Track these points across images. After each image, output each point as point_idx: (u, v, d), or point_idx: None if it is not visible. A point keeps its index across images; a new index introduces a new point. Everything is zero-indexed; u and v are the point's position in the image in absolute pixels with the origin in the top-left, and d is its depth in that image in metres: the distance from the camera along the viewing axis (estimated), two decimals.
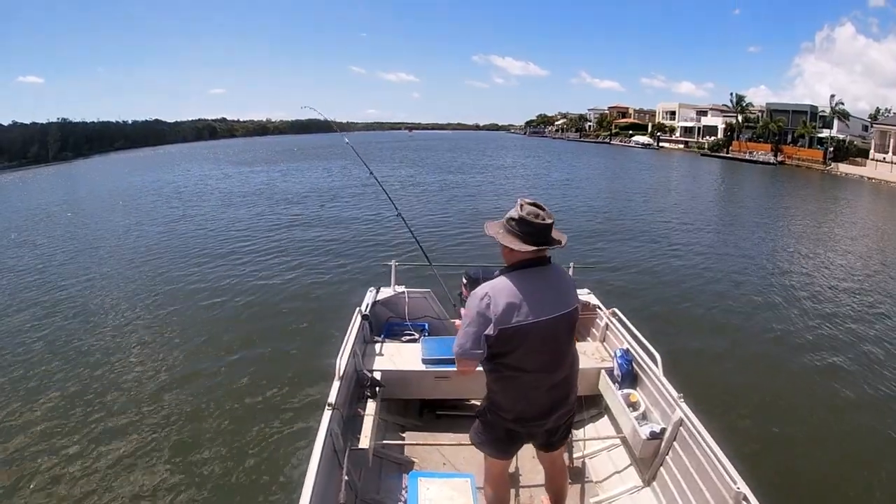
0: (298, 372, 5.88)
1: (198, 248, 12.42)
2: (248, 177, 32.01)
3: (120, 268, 10.83)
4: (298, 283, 9.28)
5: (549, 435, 2.43)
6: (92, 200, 23.61)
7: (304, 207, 18.68)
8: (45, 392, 5.65)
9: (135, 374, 6.04)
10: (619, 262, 10.87)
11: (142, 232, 14.83)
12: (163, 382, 5.82)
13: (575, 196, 21.49)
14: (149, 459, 4.47)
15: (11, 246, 13.61)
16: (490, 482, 2.61)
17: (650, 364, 3.57)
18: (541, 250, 2.13)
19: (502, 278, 2.13)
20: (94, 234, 15.09)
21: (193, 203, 20.60)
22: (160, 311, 8.12)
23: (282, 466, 4.33)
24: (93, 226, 16.53)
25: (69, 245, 13.43)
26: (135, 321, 7.66)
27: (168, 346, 6.82)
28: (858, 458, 4.57)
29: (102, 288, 9.42)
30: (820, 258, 11.96)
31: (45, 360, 6.49)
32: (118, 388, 5.71)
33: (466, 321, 2.13)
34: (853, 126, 45.05)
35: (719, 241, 13.60)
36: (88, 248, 12.91)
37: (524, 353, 2.14)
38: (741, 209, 20.18)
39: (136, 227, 15.72)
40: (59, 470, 4.33)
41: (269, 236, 13.67)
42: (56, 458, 4.48)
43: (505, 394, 2.28)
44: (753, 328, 7.50)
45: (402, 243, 11.96)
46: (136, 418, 5.13)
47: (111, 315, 8.00)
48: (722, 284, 9.60)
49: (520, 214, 2.08)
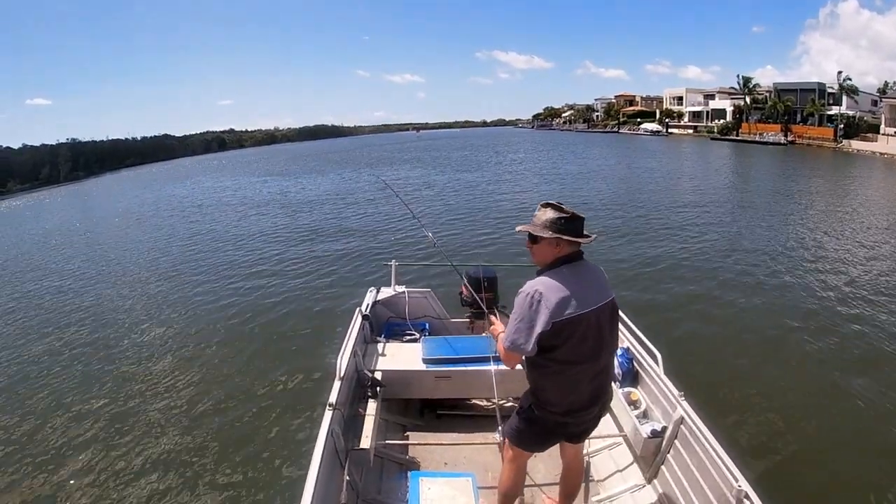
0: (299, 372, 5.91)
1: (200, 256, 12.84)
2: (254, 186, 32.58)
3: (129, 278, 11.32)
4: (298, 283, 9.34)
5: (584, 423, 2.49)
6: (107, 218, 24.32)
7: (309, 212, 19.09)
8: (38, 387, 6.09)
9: (134, 374, 6.17)
10: (626, 257, 10.59)
11: (151, 243, 15.60)
12: (162, 381, 5.89)
13: (588, 190, 21.28)
14: (149, 459, 4.52)
15: (30, 269, 14.06)
16: (511, 474, 2.66)
17: (651, 362, 3.59)
18: (579, 244, 2.28)
19: (548, 275, 2.25)
20: (113, 248, 15.71)
21: (197, 214, 21.39)
22: (157, 313, 8.43)
23: (283, 467, 4.34)
24: (111, 242, 17.07)
25: (85, 263, 13.88)
26: (136, 324, 7.98)
27: (167, 346, 6.95)
28: (860, 456, 4.56)
29: (110, 298, 9.99)
30: (832, 246, 11.34)
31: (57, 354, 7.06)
32: (119, 387, 5.87)
33: (517, 317, 2.22)
34: (862, 102, 44.35)
35: (730, 233, 13.05)
36: (104, 262, 13.44)
37: (574, 345, 2.23)
38: (752, 194, 19.46)
39: (147, 240, 16.40)
40: (50, 469, 4.46)
41: (269, 241, 14.03)
42: (47, 460, 4.63)
43: (554, 388, 2.35)
44: (754, 326, 7.36)
45: (403, 243, 12.11)
46: (137, 417, 5.19)
47: (108, 319, 8.38)
48: (726, 276, 9.44)
49: (568, 212, 2.24)
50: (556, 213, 2.25)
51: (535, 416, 2.45)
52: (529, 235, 2.32)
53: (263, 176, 40.83)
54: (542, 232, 2.25)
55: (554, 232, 2.22)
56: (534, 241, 2.31)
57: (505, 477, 2.68)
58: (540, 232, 2.26)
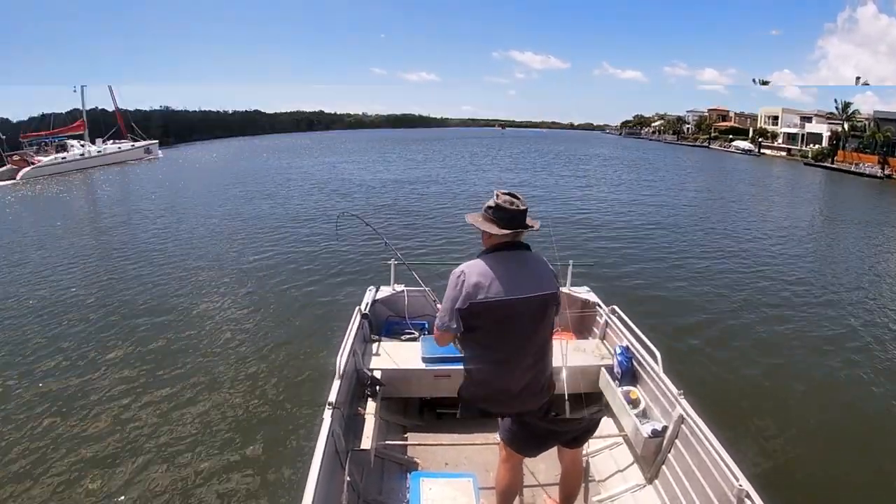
0: (299, 371, 5.87)
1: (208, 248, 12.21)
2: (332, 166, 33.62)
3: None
4: (298, 283, 9.10)
5: (574, 431, 2.60)
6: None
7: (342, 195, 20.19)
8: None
9: (134, 372, 5.98)
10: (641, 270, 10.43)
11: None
12: (161, 381, 5.74)
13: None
14: (148, 459, 4.41)
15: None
16: (505, 474, 2.66)
17: (650, 361, 3.57)
18: (517, 234, 2.31)
19: (478, 259, 2.33)
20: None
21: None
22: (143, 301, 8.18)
23: (282, 467, 4.27)
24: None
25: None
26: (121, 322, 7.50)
27: (160, 343, 6.71)
28: (861, 455, 4.57)
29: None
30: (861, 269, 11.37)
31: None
32: (112, 387, 5.63)
33: (446, 297, 2.33)
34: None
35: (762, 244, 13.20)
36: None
37: (493, 330, 2.30)
38: (836, 223, 18.46)
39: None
40: (40, 467, 4.30)
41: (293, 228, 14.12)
42: (38, 455, 4.46)
43: (479, 371, 2.43)
44: (754, 324, 7.52)
45: (411, 242, 12.01)
46: (138, 418, 5.04)
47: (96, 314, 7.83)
48: (728, 279, 9.73)
49: (496, 202, 2.29)
50: (491, 202, 2.31)
51: (465, 399, 2.53)
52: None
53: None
54: (472, 220, 2.36)
55: (485, 220, 2.31)
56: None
57: (500, 477, 2.68)
58: (472, 220, 2.36)
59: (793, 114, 65.78)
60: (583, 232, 14.08)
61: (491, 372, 2.39)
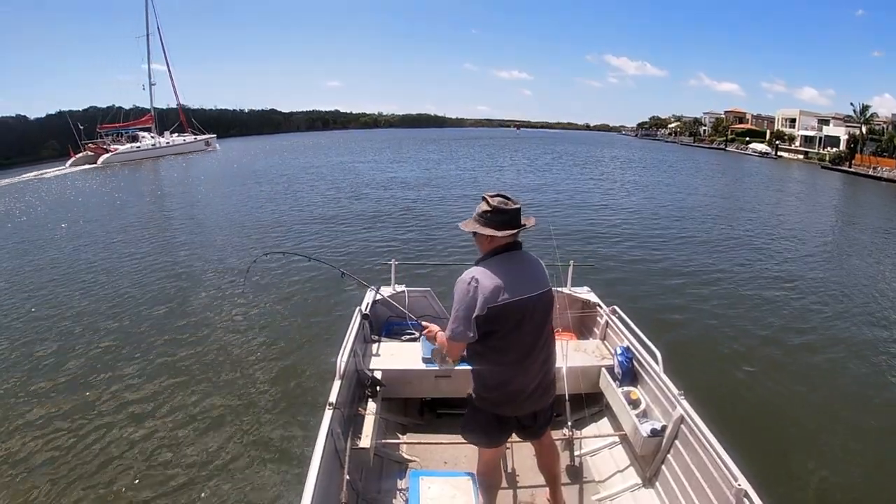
0: (299, 371, 5.87)
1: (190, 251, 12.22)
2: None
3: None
4: (299, 283, 9.05)
5: (534, 419, 2.58)
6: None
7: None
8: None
9: (134, 372, 5.98)
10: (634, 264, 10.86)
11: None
12: (160, 380, 5.75)
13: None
14: (147, 458, 4.40)
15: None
16: (484, 473, 2.71)
17: (650, 361, 3.56)
18: (516, 234, 2.35)
19: (484, 264, 2.34)
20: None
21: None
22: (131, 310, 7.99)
23: (282, 466, 4.27)
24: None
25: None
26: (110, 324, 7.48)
27: (161, 342, 6.72)
28: (860, 455, 4.56)
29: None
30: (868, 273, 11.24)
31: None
32: (109, 384, 5.68)
33: (457, 306, 2.30)
34: None
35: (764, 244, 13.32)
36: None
37: (509, 332, 2.32)
38: (854, 230, 18.09)
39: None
40: (36, 466, 4.32)
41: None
42: (30, 448, 4.55)
43: (494, 375, 2.43)
44: (755, 326, 7.52)
45: (406, 242, 11.99)
46: (137, 417, 5.04)
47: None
48: (730, 277, 9.87)
49: (491, 206, 2.31)
50: (485, 207, 2.32)
51: (476, 406, 2.54)
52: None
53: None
54: (471, 227, 2.36)
55: (481, 226, 2.32)
56: (474, 233, 2.38)
57: (478, 471, 2.74)
58: (471, 228, 2.37)
59: (810, 116, 65.03)
60: (583, 232, 14.26)
61: (507, 373, 2.41)
